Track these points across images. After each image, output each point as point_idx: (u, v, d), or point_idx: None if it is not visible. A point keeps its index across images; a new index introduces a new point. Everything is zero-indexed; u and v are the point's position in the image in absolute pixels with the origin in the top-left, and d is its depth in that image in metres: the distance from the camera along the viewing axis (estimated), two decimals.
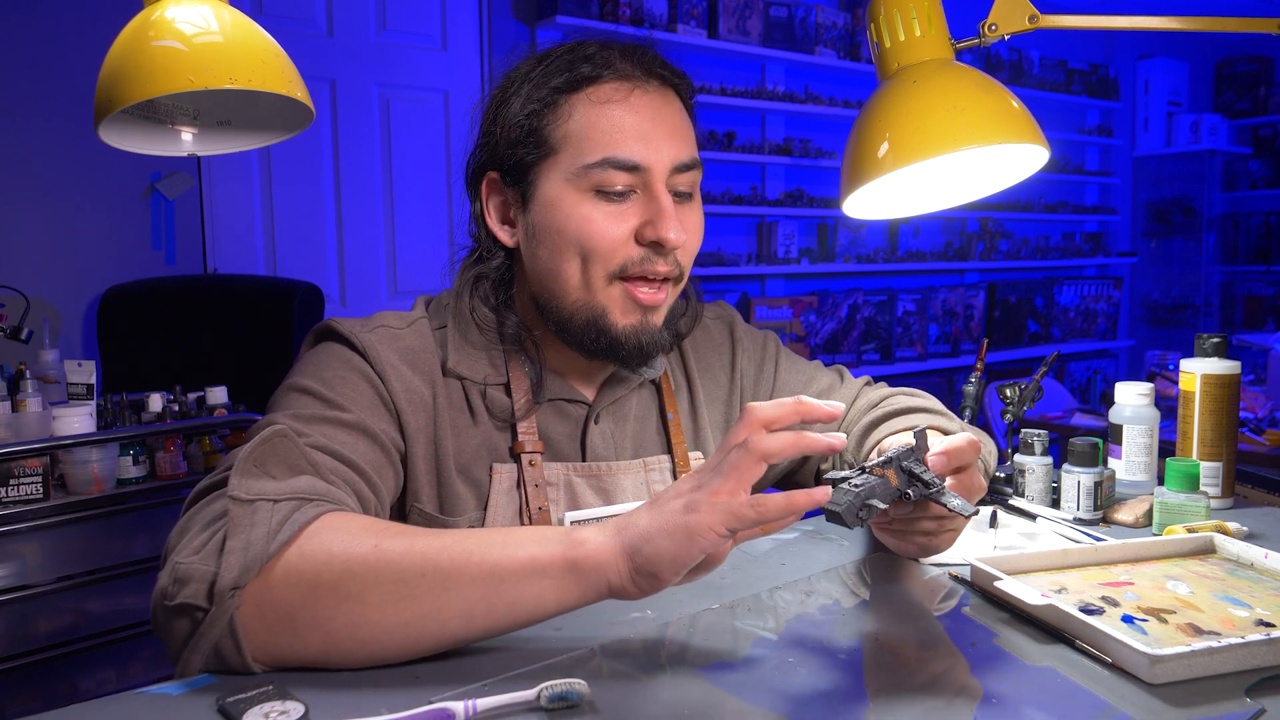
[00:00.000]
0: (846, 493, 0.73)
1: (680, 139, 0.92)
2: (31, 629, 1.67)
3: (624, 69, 0.91)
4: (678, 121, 0.93)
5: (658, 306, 0.94)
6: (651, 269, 0.91)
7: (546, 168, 0.91)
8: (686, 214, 0.94)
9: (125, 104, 1.01)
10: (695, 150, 0.95)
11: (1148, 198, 5.48)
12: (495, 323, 0.96)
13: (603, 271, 0.91)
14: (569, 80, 0.91)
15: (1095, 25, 0.96)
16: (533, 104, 0.91)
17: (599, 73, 0.91)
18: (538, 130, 0.91)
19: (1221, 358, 1.14)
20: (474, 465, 0.94)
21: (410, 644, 0.69)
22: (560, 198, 0.91)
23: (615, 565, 0.68)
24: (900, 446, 0.79)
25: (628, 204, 0.90)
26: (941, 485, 0.78)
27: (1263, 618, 0.77)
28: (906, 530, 0.83)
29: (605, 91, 0.90)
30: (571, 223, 0.90)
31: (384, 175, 3.14)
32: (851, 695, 0.67)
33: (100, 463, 1.74)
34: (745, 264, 3.78)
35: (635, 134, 0.90)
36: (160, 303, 2.56)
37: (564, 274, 0.92)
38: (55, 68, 2.54)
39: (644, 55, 0.94)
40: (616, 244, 0.90)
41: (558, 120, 0.91)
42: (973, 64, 1.05)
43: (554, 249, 0.92)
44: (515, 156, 0.92)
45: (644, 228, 0.90)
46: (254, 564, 0.67)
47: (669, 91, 0.94)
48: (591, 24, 3.19)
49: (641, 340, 0.93)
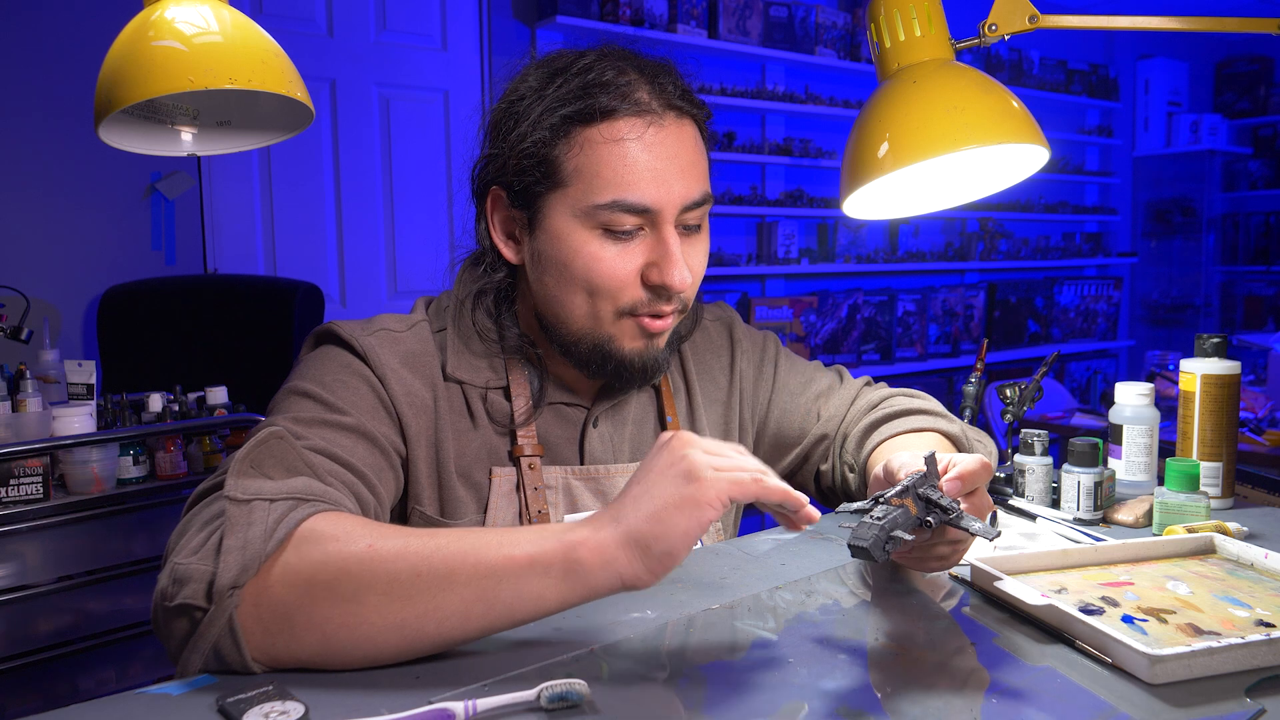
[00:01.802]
0: (870, 526, 0.72)
1: (693, 176, 0.90)
2: (31, 629, 1.67)
3: (640, 100, 0.88)
4: (692, 157, 0.90)
5: (665, 332, 0.94)
6: (657, 309, 0.91)
7: (554, 199, 0.89)
8: (693, 246, 0.93)
9: (125, 104, 1.01)
10: (707, 184, 0.93)
11: (1148, 198, 5.48)
12: (497, 334, 0.96)
13: (610, 308, 0.91)
14: (582, 111, 0.87)
15: (1095, 25, 0.96)
16: (543, 130, 0.88)
17: (614, 106, 0.87)
18: (547, 160, 0.88)
19: (1221, 358, 1.14)
20: (474, 468, 0.94)
21: (407, 644, 0.69)
22: (568, 232, 0.89)
23: (622, 556, 0.67)
24: (913, 474, 0.78)
25: (635, 242, 0.89)
26: (960, 509, 0.77)
27: (1263, 618, 0.77)
28: (924, 556, 0.83)
29: (620, 128, 0.87)
30: (579, 260, 0.89)
31: (384, 175, 3.14)
32: (852, 695, 0.67)
33: (100, 463, 1.74)
34: (745, 264, 3.78)
35: (648, 175, 0.87)
36: (160, 303, 2.56)
37: (570, 305, 0.91)
38: (55, 68, 2.54)
39: (664, 83, 0.90)
40: (624, 283, 0.89)
41: (569, 153, 0.88)
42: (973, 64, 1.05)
43: (560, 280, 0.91)
44: (523, 182, 0.90)
45: (649, 269, 0.89)
46: (252, 563, 0.67)
47: (686, 124, 0.91)
48: (591, 24, 3.18)
49: (647, 362, 0.94)
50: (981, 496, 0.83)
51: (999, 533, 0.76)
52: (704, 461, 0.69)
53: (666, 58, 0.94)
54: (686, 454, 0.69)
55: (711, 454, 0.70)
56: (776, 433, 1.14)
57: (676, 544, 0.67)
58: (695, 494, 0.67)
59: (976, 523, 0.76)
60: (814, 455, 1.12)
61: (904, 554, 0.82)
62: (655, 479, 0.69)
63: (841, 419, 1.11)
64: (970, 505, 0.81)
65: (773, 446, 1.14)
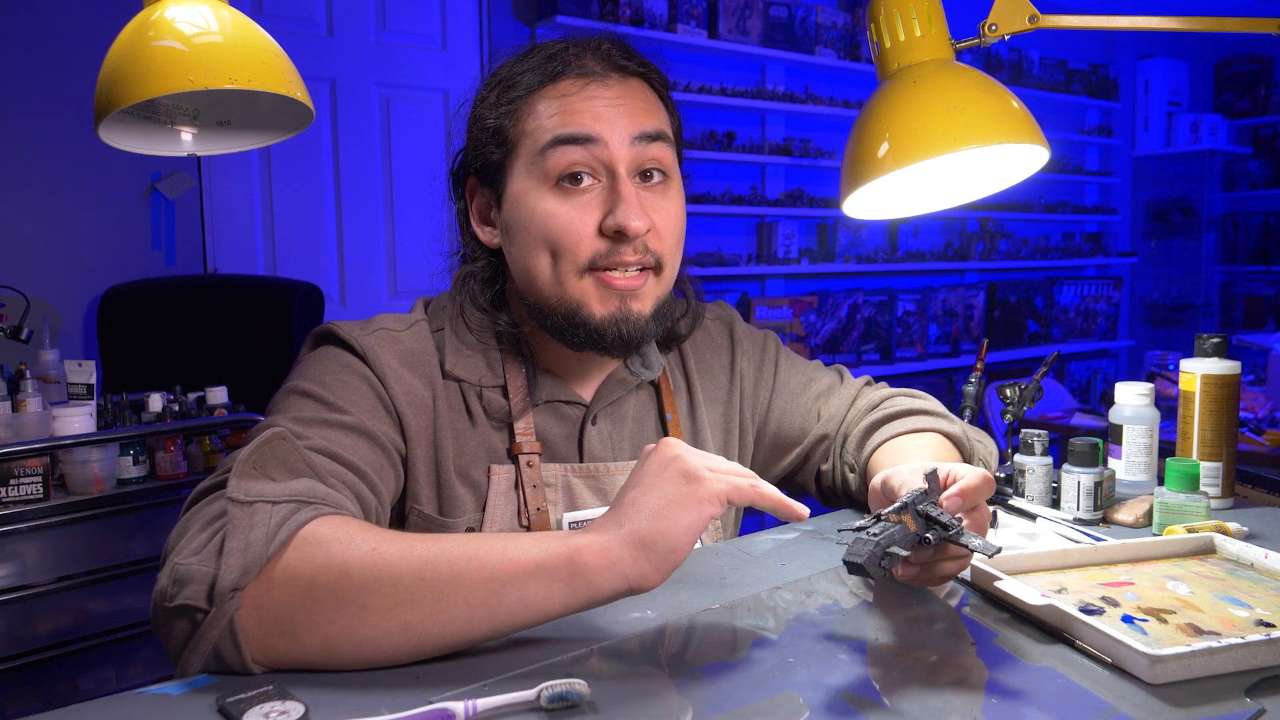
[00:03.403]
0: (865, 543, 0.72)
1: (641, 114, 0.92)
2: (31, 629, 1.67)
3: (585, 64, 0.91)
4: (639, 101, 0.92)
5: (635, 292, 0.92)
6: (619, 259, 0.90)
7: (511, 164, 0.92)
8: (657, 199, 0.92)
9: (125, 104, 1.00)
10: (662, 124, 0.93)
11: (1148, 198, 5.48)
12: (488, 322, 0.96)
13: (572, 266, 0.90)
14: (532, 81, 0.92)
15: (1095, 25, 0.96)
16: (501, 106, 0.92)
17: (559, 69, 0.91)
18: (501, 130, 0.92)
19: (1221, 358, 1.14)
20: (472, 467, 0.94)
21: (410, 648, 0.69)
22: (524, 192, 0.91)
23: (627, 556, 0.68)
24: (913, 490, 0.78)
25: (590, 195, 0.90)
26: (960, 526, 0.76)
27: (1263, 618, 0.77)
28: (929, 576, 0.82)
29: (562, 87, 0.91)
30: (537, 218, 0.90)
31: (384, 175, 3.13)
32: (852, 695, 0.67)
33: (100, 463, 1.74)
34: (745, 264, 3.78)
35: (589, 113, 0.90)
36: (160, 303, 2.56)
37: (536, 269, 0.92)
38: (55, 68, 2.54)
39: (609, 49, 0.93)
40: (581, 236, 0.89)
41: (518, 118, 0.92)
42: (973, 64, 1.05)
43: (524, 245, 0.92)
44: (484, 157, 0.94)
45: (606, 218, 0.89)
46: (254, 565, 0.67)
47: (634, 80, 0.94)
48: (591, 24, 3.18)
49: (622, 329, 0.91)
50: (982, 510, 0.83)
51: (999, 549, 0.75)
52: (699, 462, 0.70)
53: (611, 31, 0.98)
54: (679, 454, 0.71)
55: (702, 457, 0.72)
56: (777, 432, 1.14)
57: (680, 540, 0.68)
58: (695, 491, 0.68)
59: (976, 539, 0.75)
60: (814, 455, 1.12)
61: (910, 575, 0.81)
62: (652, 481, 0.70)
63: (842, 419, 1.11)
64: (971, 521, 0.81)
65: (773, 446, 1.14)
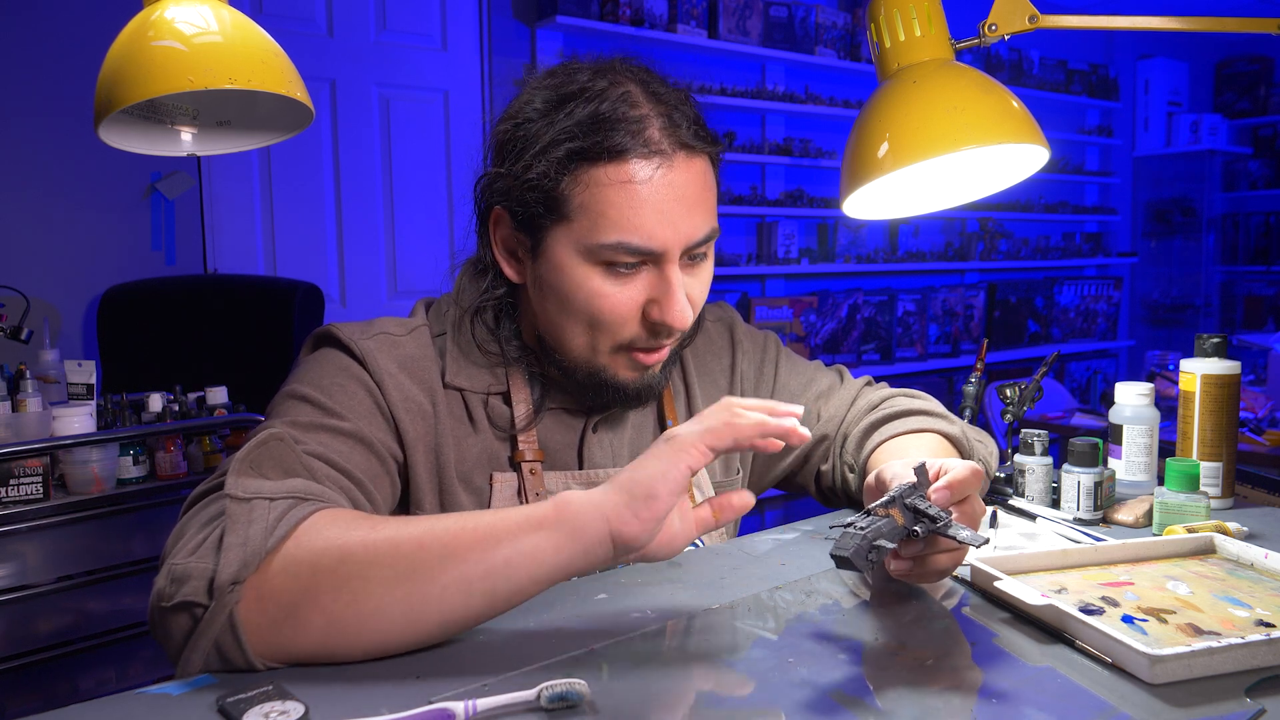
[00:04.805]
0: (853, 536, 0.73)
1: (700, 214, 0.88)
2: (31, 629, 1.67)
3: (651, 140, 0.85)
4: (701, 195, 0.88)
5: (660, 361, 0.95)
6: (656, 344, 0.92)
7: (558, 231, 0.87)
8: (696, 276, 0.92)
9: (125, 104, 1.01)
10: (714, 219, 0.91)
11: (1148, 198, 5.48)
12: (498, 347, 0.96)
13: (609, 343, 0.91)
14: (590, 149, 0.84)
15: (1095, 25, 0.96)
16: (549, 162, 0.85)
17: (624, 145, 0.84)
18: (552, 194, 0.86)
19: (1221, 358, 1.14)
20: (474, 473, 0.94)
21: (411, 625, 0.69)
22: (570, 265, 0.88)
23: (608, 502, 0.70)
24: (902, 484, 0.78)
25: (637, 278, 0.88)
26: (948, 518, 0.76)
27: (1263, 618, 0.77)
28: (923, 570, 0.82)
29: (628, 170, 0.84)
30: (581, 294, 0.88)
31: (384, 175, 3.14)
32: (852, 695, 0.67)
33: (100, 463, 1.74)
34: (745, 264, 3.78)
35: (654, 217, 0.85)
36: (160, 303, 2.56)
37: (569, 335, 0.91)
38: (55, 68, 2.54)
39: (677, 119, 0.87)
40: (624, 319, 0.89)
41: (575, 189, 0.85)
42: (973, 64, 1.05)
43: (561, 310, 0.91)
44: (526, 210, 0.88)
45: (650, 306, 0.89)
46: (253, 559, 0.67)
47: (697, 161, 0.88)
48: (591, 24, 3.18)
49: (642, 388, 0.95)
50: (973, 503, 0.83)
51: (987, 540, 0.75)
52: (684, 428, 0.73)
53: (681, 88, 0.92)
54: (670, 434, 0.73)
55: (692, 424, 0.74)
56: None
57: (656, 485, 0.70)
58: (673, 445, 0.71)
59: (965, 531, 0.76)
60: (814, 456, 1.12)
61: (902, 569, 0.81)
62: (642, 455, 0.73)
63: (842, 419, 1.11)
64: (961, 513, 0.81)
65: None
